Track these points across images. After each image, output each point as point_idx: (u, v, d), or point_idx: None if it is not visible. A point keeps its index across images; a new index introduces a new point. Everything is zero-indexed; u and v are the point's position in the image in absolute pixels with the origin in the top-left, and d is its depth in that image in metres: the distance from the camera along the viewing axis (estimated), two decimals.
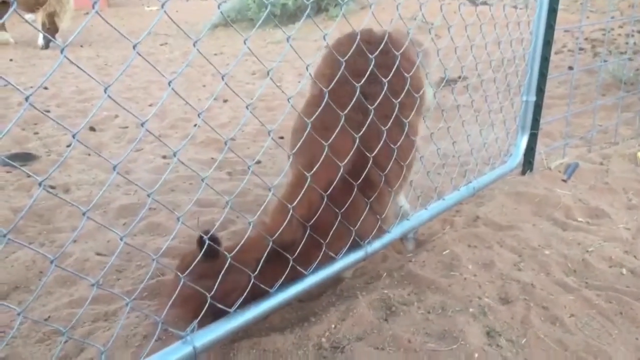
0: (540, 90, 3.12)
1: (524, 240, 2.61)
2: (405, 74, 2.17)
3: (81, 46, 9.66)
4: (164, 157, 4.00)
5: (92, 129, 4.67)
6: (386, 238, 2.28)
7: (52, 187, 3.36)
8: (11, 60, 8.19)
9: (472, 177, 2.82)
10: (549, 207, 2.93)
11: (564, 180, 3.24)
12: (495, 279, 2.30)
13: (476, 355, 1.82)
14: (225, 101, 5.59)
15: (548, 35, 2.98)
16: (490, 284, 2.26)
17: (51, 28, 9.05)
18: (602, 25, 6.93)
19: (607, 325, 2.02)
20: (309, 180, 1.82)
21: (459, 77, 5.27)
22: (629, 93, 4.41)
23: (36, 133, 4.51)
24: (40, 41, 9.25)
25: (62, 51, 1.09)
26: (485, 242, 2.60)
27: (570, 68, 5.43)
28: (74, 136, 1.13)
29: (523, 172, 3.34)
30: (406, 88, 2.18)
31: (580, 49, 6.41)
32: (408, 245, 2.65)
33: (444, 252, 2.51)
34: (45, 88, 6.07)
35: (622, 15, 7.49)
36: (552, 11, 2.94)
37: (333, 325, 2.02)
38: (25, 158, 3.90)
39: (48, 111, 5.20)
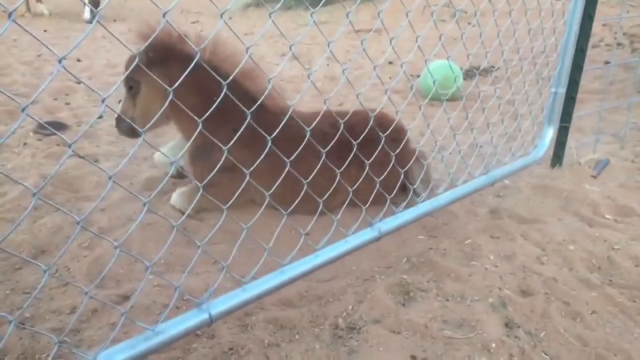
0: (575, 83, 3.04)
1: (548, 234, 2.57)
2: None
3: (114, 20, 9.77)
4: None
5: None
6: (400, 219, 2.23)
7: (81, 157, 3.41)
8: (45, 31, 8.32)
9: (495, 165, 2.78)
10: (576, 203, 2.87)
11: (594, 176, 3.17)
12: (517, 271, 2.27)
13: (493, 345, 1.81)
14: None
15: (586, 26, 2.89)
16: (511, 276, 2.24)
17: (98, 2, 9.19)
18: None
19: (628, 324, 1.98)
20: None
21: (493, 68, 5.18)
22: None
23: (67, 104, 4.58)
24: (87, 15, 9.34)
25: (95, 16, 1.10)
26: (509, 234, 2.57)
27: (607, 62, 5.28)
28: (103, 101, 1.15)
29: (552, 166, 3.27)
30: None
31: (618, 43, 6.23)
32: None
33: (466, 242, 2.49)
34: (78, 60, 6.15)
35: None
36: (592, 1, 2.85)
37: (350, 307, 2.02)
38: (57, 127, 3.97)
39: (79, 83, 5.27)
